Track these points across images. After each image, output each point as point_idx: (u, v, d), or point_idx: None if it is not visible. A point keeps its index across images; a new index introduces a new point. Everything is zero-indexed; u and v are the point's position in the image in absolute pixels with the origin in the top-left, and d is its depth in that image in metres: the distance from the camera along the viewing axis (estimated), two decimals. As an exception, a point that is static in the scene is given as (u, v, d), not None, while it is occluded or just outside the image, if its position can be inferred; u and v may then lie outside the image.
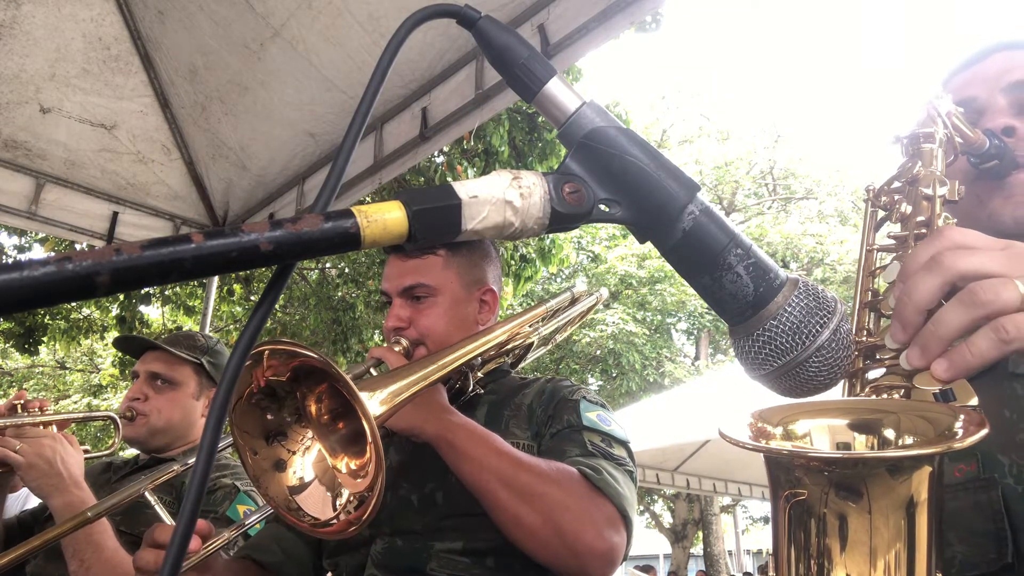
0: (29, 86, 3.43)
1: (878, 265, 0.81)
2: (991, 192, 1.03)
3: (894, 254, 0.79)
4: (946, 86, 1.14)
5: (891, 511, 0.48)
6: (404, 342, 1.48)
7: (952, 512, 0.93)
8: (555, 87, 0.63)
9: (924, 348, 0.61)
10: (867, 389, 0.66)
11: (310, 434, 1.12)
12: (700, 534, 17.50)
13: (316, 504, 1.09)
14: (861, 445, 0.56)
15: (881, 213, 0.85)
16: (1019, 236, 1.02)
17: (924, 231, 0.77)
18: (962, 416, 0.54)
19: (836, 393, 0.65)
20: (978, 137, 0.97)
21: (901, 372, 0.64)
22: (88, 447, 2.07)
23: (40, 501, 2.22)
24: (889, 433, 0.54)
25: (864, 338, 0.72)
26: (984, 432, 0.51)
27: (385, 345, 1.49)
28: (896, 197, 0.83)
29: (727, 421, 0.57)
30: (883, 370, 0.67)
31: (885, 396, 0.64)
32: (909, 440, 0.52)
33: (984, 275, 0.60)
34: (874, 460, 0.49)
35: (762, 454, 0.55)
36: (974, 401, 0.61)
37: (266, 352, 1.04)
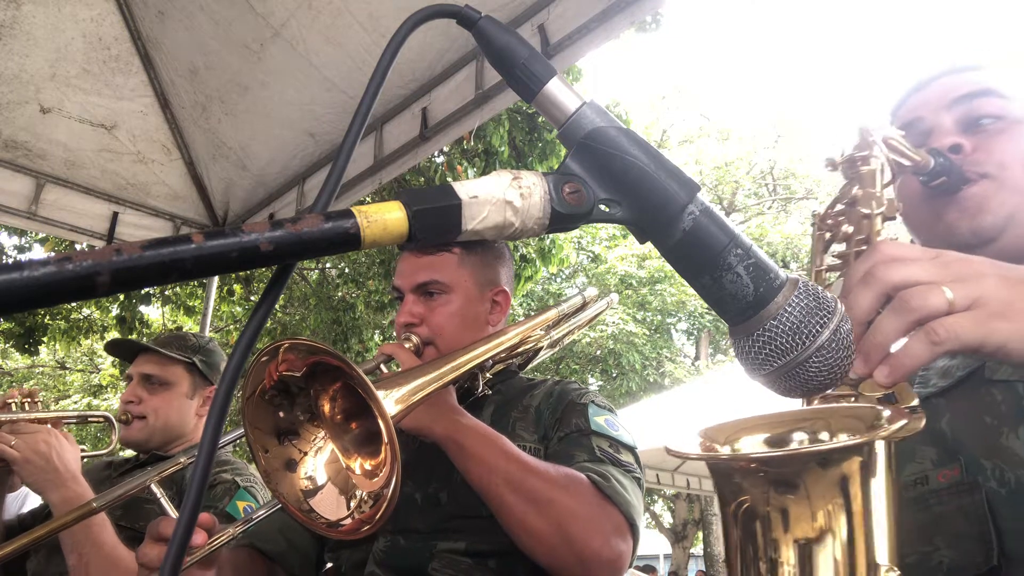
0: (29, 86, 3.44)
1: (826, 284, 0.87)
2: (946, 207, 1.07)
3: (838, 273, 0.85)
4: (895, 113, 1.20)
5: (828, 501, 0.51)
6: (415, 339, 1.48)
7: (938, 517, 0.95)
8: (555, 87, 0.63)
9: (866, 357, 0.65)
10: (815, 400, 0.70)
11: (322, 434, 1.11)
12: (700, 534, 17.49)
13: (330, 506, 1.08)
14: (795, 445, 0.60)
15: (828, 235, 0.91)
16: (977, 247, 1.06)
17: (864, 248, 0.82)
18: (887, 412, 0.58)
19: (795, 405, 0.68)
20: (923, 157, 1.02)
21: (849, 382, 0.68)
22: (86, 447, 2.07)
23: (40, 502, 2.22)
24: (822, 433, 0.57)
25: None
26: (902, 423, 0.54)
27: (395, 342, 1.49)
28: (840, 219, 0.89)
29: (675, 438, 0.60)
30: None
31: (827, 405, 0.68)
32: (838, 436, 0.55)
33: (914, 284, 0.65)
34: (804, 455, 0.52)
35: (710, 472, 0.59)
36: (915, 402, 0.64)
37: (282, 348, 1.04)
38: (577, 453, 1.39)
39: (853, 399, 0.66)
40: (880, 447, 0.54)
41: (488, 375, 1.59)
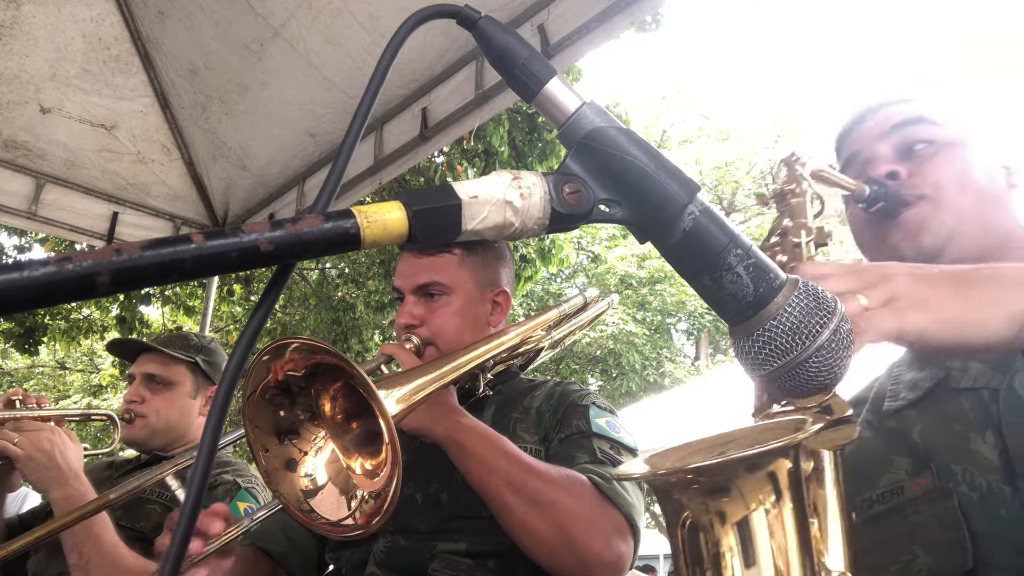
0: (29, 86, 3.44)
1: None
2: (889, 230, 1.14)
3: None
4: (838, 149, 1.28)
5: (762, 503, 0.54)
6: (415, 339, 1.48)
7: (915, 525, 0.98)
8: (555, 87, 0.63)
9: None
10: (759, 417, 0.74)
11: (323, 433, 1.12)
12: (700, 534, 17.46)
13: (330, 506, 1.08)
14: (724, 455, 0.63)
15: None
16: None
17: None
18: (810, 420, 0.61)
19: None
20: (858, 186, 1.10)
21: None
22: (87, 445, 2.07)
23: (41, 501, 2.22)
24: (753, 446, 0.59)
25: None
26: (818, 427, 0.57)
27: (396, 342, 1.49)
28: (776, 249, 0.95)
29: (625, 466, 0.62)
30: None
31: (764, 422, 0.71)
32: (764, 444, 0.58)
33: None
34: (733, 462, 0.54)
35: (655, 494, 0.62)
36: (848, 412, 0.67)
37: (285, 347, 1.04)
38: (578, 455, 1.39)
39: (792, 413, 0.70)
40: (827, 458, 0.57)
41: (489, 376, 1.59)
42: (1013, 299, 0.74)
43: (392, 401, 1.11)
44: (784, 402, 0.72)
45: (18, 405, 1.94)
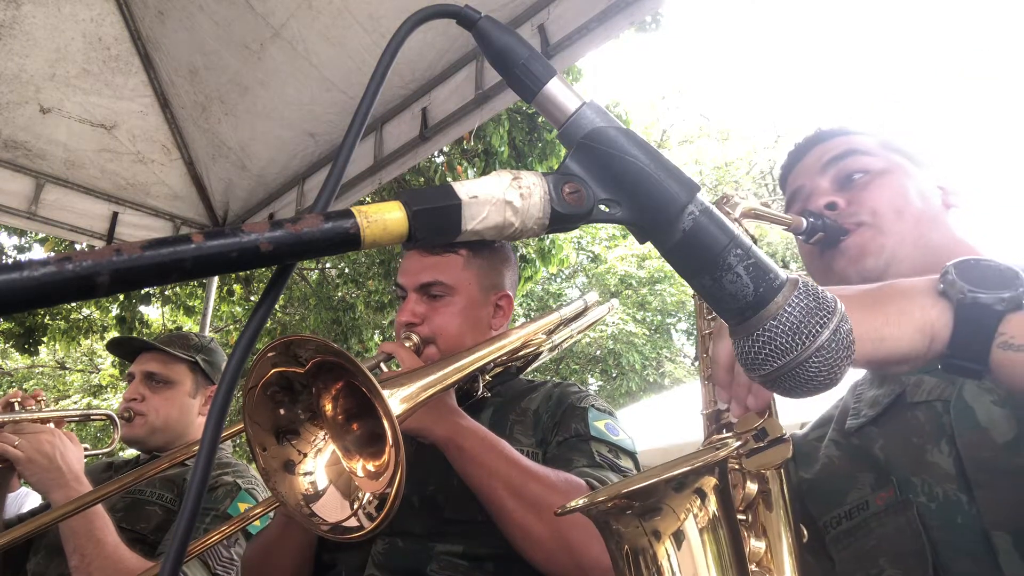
0: (29, 86, 3.44)
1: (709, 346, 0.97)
2: (833, 259, 1.19)
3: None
4: (783, 186, 1.35)
5: (692, 516, 0.56)
6: (415, 338, 1.48)
7: (880, 538, 1.02)
8: (555, 87, 0.63)
9: (736, 398, 0.75)
10: (704, 443, 0.79)
11: (323, 434, 1.11)
12: (700, 534, 17.47)
13: (332, 509, 1.08)
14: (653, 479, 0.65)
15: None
16: None
17: None
18: (735, 442, 0.65)
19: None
20: (795, 220, 1.17)
21: (727, 424, 0.79)
22: (88, 446, 2.08)
23: (41, 503, 2.22)
24: (682, 467, 0.61)
25: (711, 409, 0.90)
26: (737, 445, 0.62)
27: (395, 341, 1.48)
28: None
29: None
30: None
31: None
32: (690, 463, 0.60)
33: None
34: (661, 482, 0.56)
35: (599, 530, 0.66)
36: (781, 433, 0.70)
37: (288, 344, 1.03)
38: (576, 458, 1.38)
39: (731, 438, 0.75)
40: (773, 479, 0.57)
41: (488, 377, 1.59)
42: (918, 311, 0.76)
43: (396, 401, 1.11)
44: (726, 408, 0.74)
45: (17, 407, 1.94)
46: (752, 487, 0.61)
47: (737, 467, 0.60)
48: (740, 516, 0.60)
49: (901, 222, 1.16)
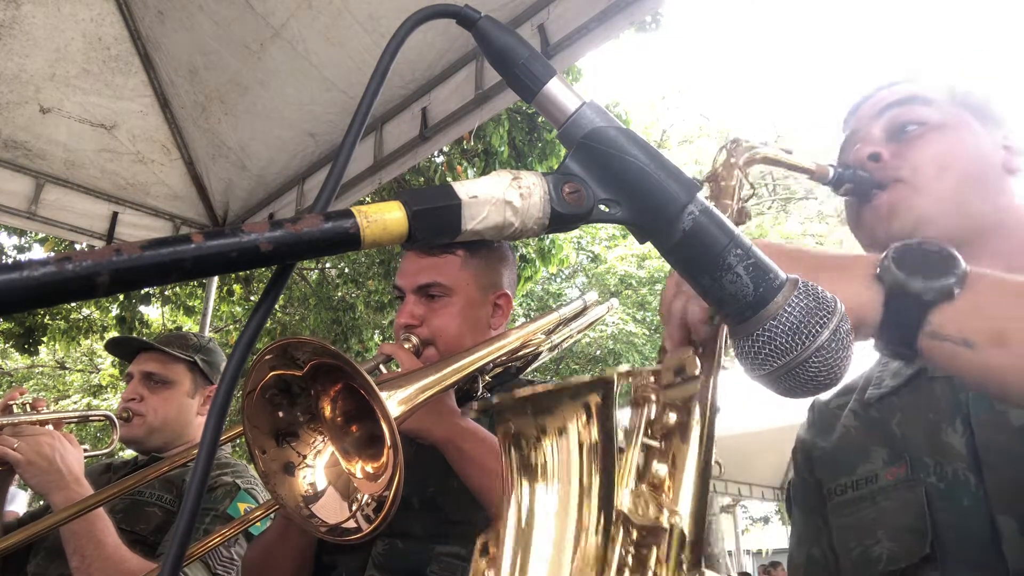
0: (29, 86, 3.44)
1: None
2: (864, 211, 1.14)
3: None
4: (844, 129, 1.28)
5: (576, 423, 0.59)
6: (414, 339, 1.47)
7: (882, 511, 1.01)
8: (555, 87, 0.62)
9: (669, 334, 0.83)
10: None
11: (322, 436, 1.11)
12: (700, 534, 17.45)
13: (331, 510, 1.08)
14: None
15: None
16: None
17: None
18: (643, 370, 0.67)
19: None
20: (819, 168, 1.12)
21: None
22: (87, 446, 2.07)
23: (42, 503, 2.23)
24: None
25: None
26: (627, 369, 0.62)
27: (395, 342, 1.48)
28: None
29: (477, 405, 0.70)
30: None
31: None
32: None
33: None
34: (558, 389, 0.60)
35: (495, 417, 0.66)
36: (695, 371, 0.68)
37: (285, 347, 1.03)
38: None
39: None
40: (695, 414, 0.62)
41: (487, 378, 1.59)
42: (853, 295, 0.73)
43: (394, 403, 1.11)
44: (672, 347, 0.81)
45: (16, 409, 1.94)
46: (672, 418, 0.64)
47: (655, 398, 0.64)
48: (654, 442, 0.62)
49: (940, 182, 1.07)
